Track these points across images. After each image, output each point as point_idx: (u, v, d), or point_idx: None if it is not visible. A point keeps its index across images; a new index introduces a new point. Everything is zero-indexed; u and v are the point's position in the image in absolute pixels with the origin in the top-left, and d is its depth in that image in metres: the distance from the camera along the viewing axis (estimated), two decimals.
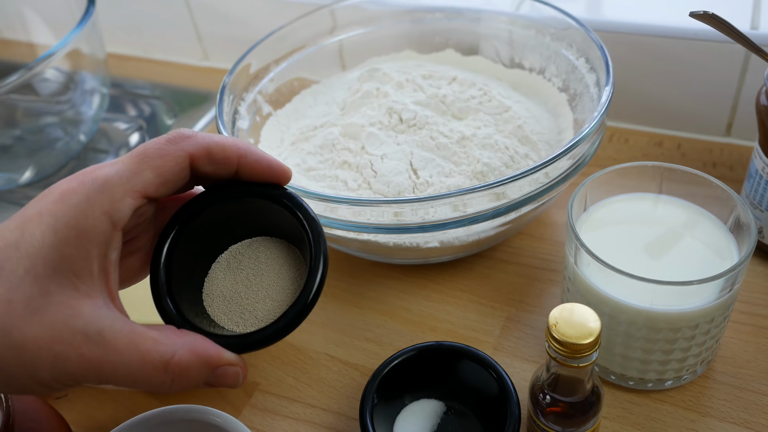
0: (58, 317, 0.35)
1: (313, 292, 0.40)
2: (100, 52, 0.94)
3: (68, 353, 0.35)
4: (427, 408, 0.57)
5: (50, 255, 0.36)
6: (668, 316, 0.50)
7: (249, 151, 0.41)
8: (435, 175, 0.65)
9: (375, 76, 0.77)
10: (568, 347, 0.44)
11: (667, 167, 0.56)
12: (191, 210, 0.42)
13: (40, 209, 0.37)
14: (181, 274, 0.42)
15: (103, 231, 0.37)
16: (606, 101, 0.61)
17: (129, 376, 0.36)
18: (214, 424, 0.51)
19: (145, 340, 0.37)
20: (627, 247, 0.55)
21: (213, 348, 0.38)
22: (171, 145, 0.39)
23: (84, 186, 0.37)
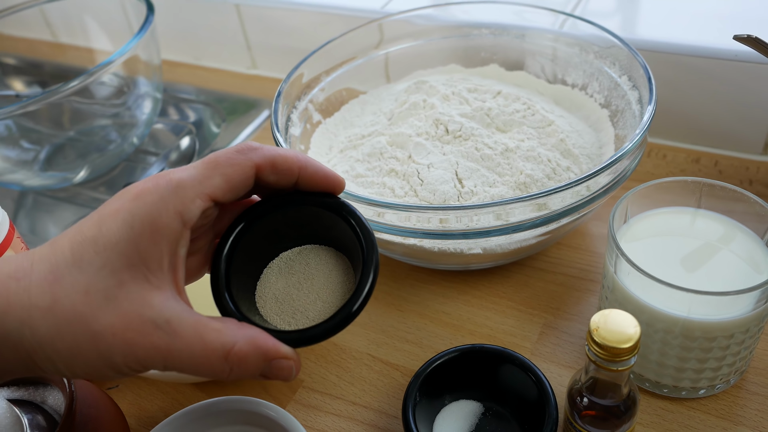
0: (131, 307, 0.38)
1: (365, 293, 0.42)
2: (156, 59, 0.98)
3: (139, 340, 0.38)
4: (466, 408, 0.59)
5: (126, 249, 0.39)
6: (704, 325, 0.52)
7: (308, 163, 0.44)
8: (479, 184, 0.67)
9: (422, 88, 0.80)
10: (608, 351, 0.46)
11: (707, 183, 0.58)
12: (251, 215, 0.45)
13: (117, 207, 0.40)
14: (237, 275, 0.45)
15: (174, 228, 0.40)
16: (648, 119, 0.63)
17: (192, 363, 0.39)
18: (263, 414, 0.53)
19: (209, 331, 0.39)
20: (665, 259, 0.57)
21: (271, 341, 0.41)
22: (240, 155, 0.42)
23: (159, 187, 0.40)
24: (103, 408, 0.56)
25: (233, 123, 1.03)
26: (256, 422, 0.54)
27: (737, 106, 0.81)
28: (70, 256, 0.39)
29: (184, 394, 0.66)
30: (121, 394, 0.66)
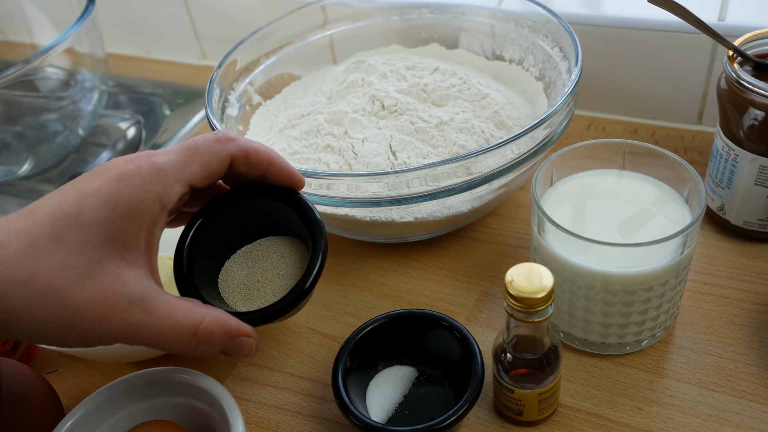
0: (107, 284, 0.40)
1: (314, 273, 0.46)
2: (100, 51, 0.98)
3: (113, 316, 0.40)
4: (400, 374, 0.59)
5: (106, 228, 0.41)
6: (623, 278, 0.53)
7: (277, 160, 0.47)
8: (413, 156, 0.68)
9: (361, 67, 0.80)
10: (524, 302, 0.47)
11: (629, 143, 0.59)
12: (217, 205, 0.48)
13: (99, 186, 0.41)
14: (201, 261, 0.48)
15: (154, 211, 0.42)
16: (575, 79, 0.64)
17: (162, 339, 0.41)
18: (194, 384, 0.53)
19: (179, 309, 0.42)
20: (590, 219, 0.58)
21: (234, 320, 0.44)
22: (218, 145, 0.45)
23: (142, 170, 0.42)
24: (33, 387, 0.56)
25: (181, 112, 1.03)
26: (187, 392, 0.54)
27: (672, 77, 0.83)
28: (48, 232, 0.40)
29: (124, 374, 0.66)
30: (60, 377, 0.66)
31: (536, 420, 0.55)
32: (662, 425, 0.54)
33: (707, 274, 0.65)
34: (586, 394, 0.57)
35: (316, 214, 0.47)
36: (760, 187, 0.63)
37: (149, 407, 0.55)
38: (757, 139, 0.61)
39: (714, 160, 0.67)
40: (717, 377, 0.57)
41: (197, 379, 0.53)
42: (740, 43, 0.63)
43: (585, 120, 0.88)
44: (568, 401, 0.57)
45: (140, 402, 0.55)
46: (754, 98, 0.60)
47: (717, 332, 0.60)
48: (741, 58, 0.63)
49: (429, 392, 0.58)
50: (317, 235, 0.47)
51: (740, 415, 0.54)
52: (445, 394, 0.57)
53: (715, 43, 0.78)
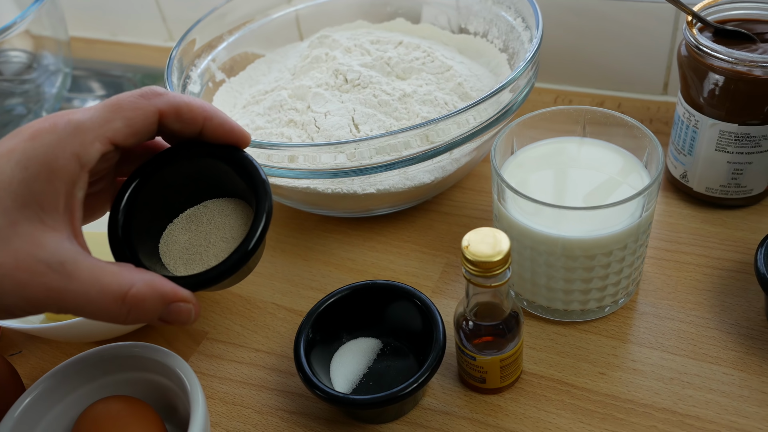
0: (22, 247, 0.38)
1: (257, 234, 0.43)
2: (62, 34, 0.97)
3: (31, 281, 0.37)
4: (364, 345, 0.59)
5: (19, 189, 0.38)
6: (582, 242, 0.53)
7: (214, 114, 0.44)
8: (376, 129, 0.68)
9: (325, 42, 0.80)
10: (480, 266, 0.47)
11: (588, 110, 0.59)
12: (154, 165, 0.45)
13: (11, 146, 0.39)
14: (140, 225, 0.45)
15: (71, 170, 0.39)
16: (536, 44, 0.64)
17: (88, 305, 0.39)
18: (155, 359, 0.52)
19: (105, 273, 0.39)
20: (551, 186, 0.58)
21: (169, 284, 0.41)
22: (143, 100, 0.41)
23: (57, 127, 0.39)
24: None
25: None
26: (147, 367, 0.54)
27: (636, 48, 0.82)
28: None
29: None
30: (24, 358, 0.66)
31: (499, 387, 0.55)
32: (624, 389, 0.54)
33: (670, 242, 0.65)
34: (550, 361, 0.57)
35: (261, 173, 0.44)
36: (720, 152, 0.63)
37: (109, 383, 0.54)
38: (717, 104, 0.61)
39: (676, 127, 0.67)
40: (679, 341, 0.57)
41: (156, 354, 0.52)
42: (699, 9, 0.63)
43: (551, 93, 0.88)
44: (532, 368, 0.57)
45: (100, 378, 0.54)
46: (713, 63, 0.60)
47: (679, 298, 0.60)
48: (701, 24, 0.63)
49: (393, 363, 0.58)
50: (261, 196, 0.44)
51: (701, 377, 0.54)
52: (409, 365, 0.57)
53: (678, 13, 0.78)
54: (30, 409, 0.51)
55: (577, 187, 0.58)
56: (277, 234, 0.74)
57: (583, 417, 0.53)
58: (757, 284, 0.59)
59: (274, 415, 0.57)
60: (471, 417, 0.54)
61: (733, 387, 0.53)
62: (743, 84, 0.59)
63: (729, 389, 0.53)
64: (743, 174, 0.64)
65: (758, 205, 0.67)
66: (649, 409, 0.53)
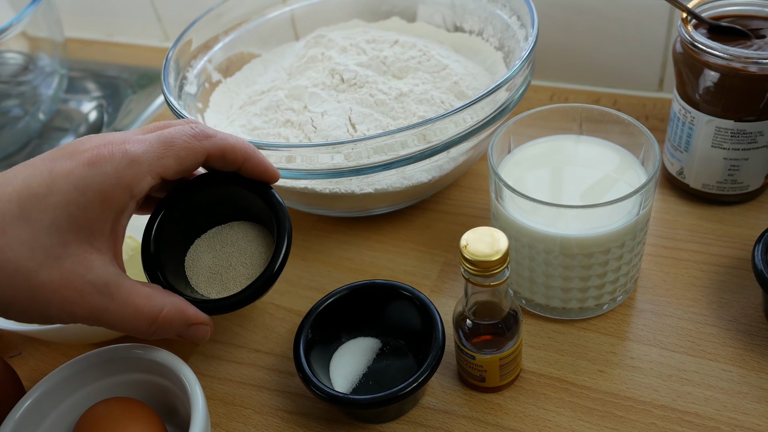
0: (72, 267, 0.41)
1: (276, 267, 0.47)
2: (58, 35, 0.97)
3: (77, 300, 0.41)
4: (363, 345, 0.59)
5: (75, 213, 0.41)
6: (580, 240, 0.53)
7: (253, 155, 0.48)
8: (372, 128, 0.68)
9: (321, 42, 0.80)
10: (479, 266, 0.47)
11: (585, 108, 0.59)
12: (183, 192, 0.49)
13: (71, 169, 0.42)
14: (168, 245, 0.49)
15: (123, 200, 0.43)
16: (531, 42, 0.64)
17: (122, 324, 0.43)
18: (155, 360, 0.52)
19: (141, 296, 0.43)
20: (549, 184, 0.58)
21: (192, 310, 0.46)
22: (195, 141, 0.45)
23: (114, 158, 0.42)
24: None
25: (143, 93, 1.02)
26: (147, 369, 0.54)
27: (631, 45, 0.83)
28: (17, 210, 0.40)
29: None
30: (23, 360, 0.66)
31: (499, 386, 0.55)
32: (623, 386, 0.55)
33: (667, 238, 0.65)
34: (549, 359, 0.57)
35: (279, 199, 0.49)
36: (716, 149, 0.63)
37: (110, 385, 0.54)
38: (713, 101, 0.61)
39: (672, 124, 0.67)
40: (677, 338, 0.57)
41: (156, 355, 0.53)
42: (694, 6, 0.63)
43: (547, 91, 0.88)
44: (531, 367, 0.57)
45: (100, 380, 0.54)
46: (708, 60, 0.60)
47: (677, 294, 0.60)
48: (695, 21, 0.63)
49: (392, 363, 0.58)
50: (281, 223, 0.48)
51: (699, 374, 0.54)
52: (408, 364, 0.57)
53: (672, 9, 0.78)
54: (30, 412, 0.51)
55: (574, 185, 0.58)
56: None
57: (583, 415, 0.53)
58: (754, 280, 0.59)
59: (274, 416, 0.57)
60: (471, 416, 0.55)
61: (732, 383, 0.53)
62: (739, 80, 0.59)
63: (728, 386, 0.53)
64: (739, 170, 0.64)
65: (755, 201, 0.68)
66: (648, 406, 0.53)
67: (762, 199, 0.68)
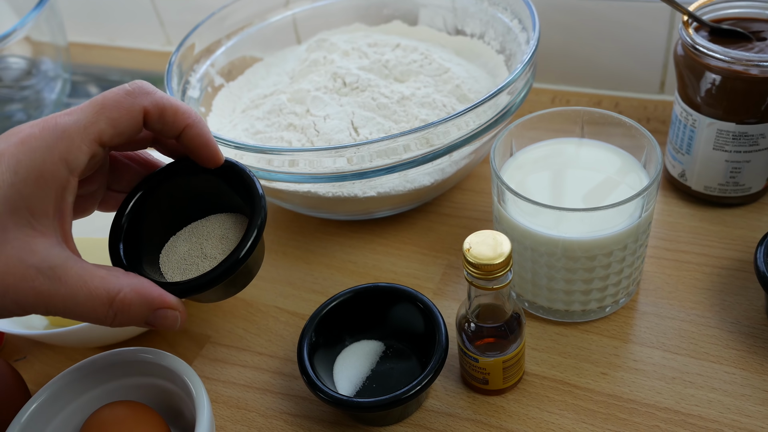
0: (12, 252, 0.38)
1: (249, 243, 0.44)
2: (61, 39, 0.97)
3: (20, 285, 0.38)
4: (367, 348, 0.59)
5: (9, 194, 0.39)
6: (583, 243, 0.53)
7: (196, 123, 0.44)
8: (375, 132, 0.68)
9: (323, 46, 0.80)
10: (482, 269, 0.47)
11: (586, 111, 0.59)
12: (157, 178, 0.47)
13: (1, 151, 0.39)
14: (143, 236, 0.46)
15: (60, 175, 0.39)
16: (533, 45, 0.65)
17: (76, 308, 0.40)
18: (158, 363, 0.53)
19: (94, 278, 0.40)
20: (551, 187, 0.58)
21: (156, 290, 0.42)
22: (129, 98, 0.41)
23: (45, 132, 0.40)
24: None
25: None
26: (152, 372, 0.54)
27: (632, 48, 0.83)
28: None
29: None
30: (29, 364, 0.66)
31: (502, 388, 0.55)
32: (627, 389, 0.55)
33: (669, 240, 0.65)
34: (552, 362, 0.58)
35: (256, 185, 0.45)
36: (718, 151, 0.63)
37: (115, 388, 0.54)
38: (714, 103, 0.61)
39: (674, 126, 0.67)
40: (680, 340, 0.57)
41: (161, 358, 0.53)
42: (695, 8, 0.64)
43: (549, 93, 0.88)
44: (534, 369, 0.57)
45: (105, 383, 0.54)
46: (709, 62, 0.60)
47: (680, 297, 0.61)
48: (696, 24, 0.63)
49: (396, 366, 0.58)
50: (256, 208, 0.45)
51: (703, 376, 0.55)
52: (412, 367, 0.58)
53: (673, 12, 0.78)
54: (36, 415, 0.51)
55: (576, 187, 0.58)
56: (279, 237, 0.74)
57: (586, 417, 0.53)
58: (757, 282, 0.60)
59: (279, 419, 0.57)
60: (474, 418, 0.55)
61: (735, 386, 0.54)
62: (740, 83, 0.59)
63: (731, 388, 0.54)
64: (741, 172, 0.64)
65: (757, 203, 0.68)
66: (651, 409, 0.53)
67: (764, 201, 0.68)
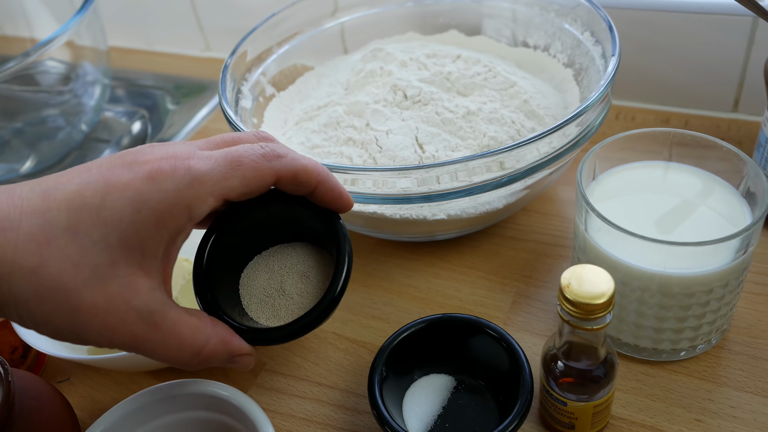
0: (118, 290, 0.37)
1: (326, 303, 0.42)
2: (102, 44, 0.94)
3: (118, 326, 0.37)
4: (437, 383, 0.56)
5: (127, 231, 0.37)
6: (682, 280, 0.49)
7: (327, 179, 0.43)
8: (441, 149, 0.64)
9: (378, 56, 0.76)
10: (582, 308, 0.43)
11: (677, 133, 0.55)
12: (242, 209, 0.44)
13: (127, 182, 0.38)
14: (223, 261, 0.45)
15: (180, 222, 0.39)
16: (613, 69, 0.60)
17: (164, 355, 0.39)
18: (221, 398, 0.49)
19: (186, 327, 0.39)
20: (638, 215, 0.54)
21: (237, 340, 0.42)
22: (264, 162, 0.40)
23: (176, 174, 0.38)
24: (47, 400, 0.52)
25: (187, 105, 0.99)
26: (214, 407, 0.50)
27: (706, 63, 0.79)
28: (65, 220, 0.36)
29: (140, 384, 0.62)
30: (72, 386, 0.63)
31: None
32: None
33: (761, 274, 0.61)
34: (639, 405, 0.53)
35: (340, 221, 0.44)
36: None
37: (170, 423, 0.51)
38: None
39: (761, 150, 0.63)
40: None
41: (222, 392, 0.49)
42: None
43: (613, 109, 0.84)
44: (620, 412, 0.53)
45: (161, 417, 0.51)
46: None
47: None
48: None
49: (469, 403, 0.54)
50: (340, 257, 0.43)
51: None
52: (486, 406, 0.54)
53: (754, 25, 0.73)
54: None
55: (667, 217, 0.54)
56: None
57: None
58: None
59: None
60: None
61: None
62: None
63: None
64: None
65: None
66: None
67: None
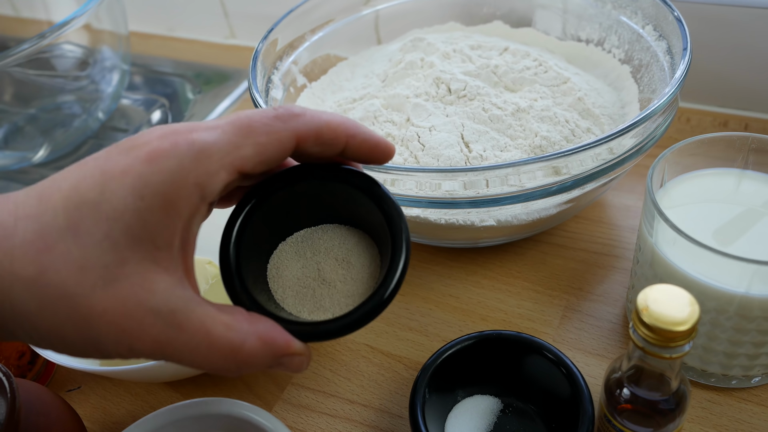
0: (131, 292, 0.33)
1: (392, 287, 0.36)
2: (123, 28, 0.89)
3: (136, 332, 0.33)
4: (483, 405, 0.51)
5: (132, 221, 0.32)
6: (764, 302, 0.44)
7: (358, 131, 0.37)
8: (489, 148, 0.59)
9: (419, 46, 0.71)
10: (660, 334, 0.38)
11: (756, 138, 0.50)
12: (271, 185, 0.38)
13: (125, 167, 0.33)
14: (249, 249, 0.38)
15: (192, 203, 0.33)
16: (684, 69, 0.55)
17: (194, 359, 0.34)
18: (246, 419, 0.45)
19: (216, 325, 0.34)
20: (710, 227, 0.49)
21: (282, 337, 0.35)
22: (279, 123, 0.35)
23: (178, 149, 0.33)
24: (55, 415, 0.47)
25: (209, 94, 0.94)
26: (239, 428, 0.46)
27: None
28: (63, 221, 0.32)
29: (157, 396, 0.58)
30: (83, 396, 0.58)
31: None
32: None
33: None
34: None
35: (396, 203, 0.37)
36: None
37: None
38: None
39: None
40: None
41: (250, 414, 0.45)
42: None
43: None
44: None
45: None
46: None
47: None
48: None
49: (517, 428, 0.49)
50: (398, 231, 0.36)
51: None
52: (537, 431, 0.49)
53: None
54: None
55: (745, 230, 0.49)
56: None
57: None
58: None
59: None
60: None
61: None
62: None
63: None
64: None
65: None
66: None
67: None
